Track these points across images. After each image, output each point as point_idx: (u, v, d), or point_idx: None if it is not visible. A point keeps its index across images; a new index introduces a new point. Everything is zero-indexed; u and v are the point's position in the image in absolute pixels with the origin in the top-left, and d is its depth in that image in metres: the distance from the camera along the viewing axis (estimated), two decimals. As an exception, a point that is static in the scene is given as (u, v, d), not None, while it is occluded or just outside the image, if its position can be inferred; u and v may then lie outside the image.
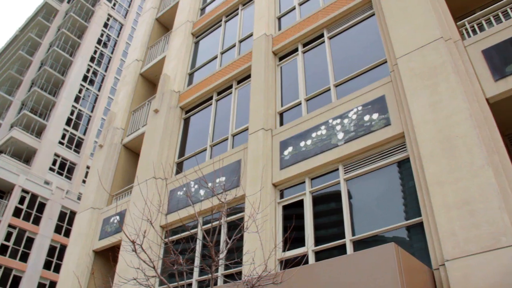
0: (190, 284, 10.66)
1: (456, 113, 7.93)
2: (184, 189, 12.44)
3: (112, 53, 60.18)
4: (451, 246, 6.81)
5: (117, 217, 14.40)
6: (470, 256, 6.56)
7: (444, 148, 7.72)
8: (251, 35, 14.89)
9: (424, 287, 6.49)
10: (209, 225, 10.86)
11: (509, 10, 9.16)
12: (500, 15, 9.25)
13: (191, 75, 16.69)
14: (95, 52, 57.53)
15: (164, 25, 22.13)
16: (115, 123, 17.95)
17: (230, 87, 14.32)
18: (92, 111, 54.37)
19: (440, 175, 7.51)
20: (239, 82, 14.13)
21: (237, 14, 16.69)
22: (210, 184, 11.39)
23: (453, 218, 7.01)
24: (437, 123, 8.07)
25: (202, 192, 11.92)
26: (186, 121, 15.21)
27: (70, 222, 42.67)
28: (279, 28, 14.19)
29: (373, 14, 11.56)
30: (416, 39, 9.43)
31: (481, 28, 9.45)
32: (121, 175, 16.70)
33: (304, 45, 12.85)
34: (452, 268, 6.62)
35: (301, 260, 8.65)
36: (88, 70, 55.56)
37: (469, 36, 9.48)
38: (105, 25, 60.76)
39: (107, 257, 14.33)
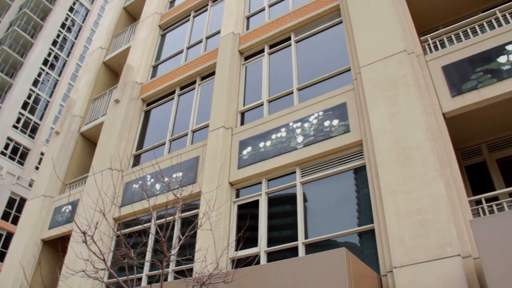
0: (139, 279, 10.52)
1: (414, 125, 8.14)
2: (140, 182, 12.28)
3: (75, 38, 58.72)
4: (400, 253, 6.98)
5: (69, 207, 14.08)
6: (417, 264, 6.75)
7: (400, 158, 7.91)
8: (218, 32, 14.84)
9: (371, 292, 6.63)
10: (163, 220, 10.76)
11: (469, 30, 9.49)
12: (461, 34, 9.56)
13: (155, 67, 16.50)
14: (58, 36, 55.96)
15: (132, 14, 21.79)
16: (74, 110, 17.54)
17: (194, 82, 14.23)
18: (50, 96, 52.88)
19: (394, 184, 7.69)
20: (203, 78, 14.05)
21: (206, 10, 16.61)
22: (166, 179, 11.29)
23: (403, 227, 7.19)
24: (394, 134, 8.26)
25: (158, 186, 11.80)
26: (147, 114, 15.03)
27: (19, 209, 41.30)
28: (247, 28, 14.21)
29: (340, 22, 11.72)
30: (380, 50, 9.62)
31: (443, 45, 9.74)
32: (76, 164, 16.33)
33: (271, 47, 12.90)
34: (399, 274, 6.79)
35: (253, 260, 8.68)
36: (49, 54, 54.00)
37: (431, 51, 9.74)
38: (71, 9, 59.23)
39: (56, 247, 13.97)
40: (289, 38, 12.61)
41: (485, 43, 8.83)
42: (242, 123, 11.73)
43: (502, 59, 8.43)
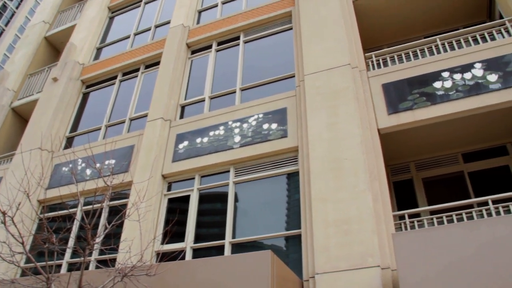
0: (59, 266, 10.18)
1: (349, 137, 8.37)
2: (70, 165, 11.88)
3: (17, 8, 56.08)
4: (323, 260, 7.16)
5: (-9, 184, 13.39)
6: (339, 272, 6.94)
7: (333, 168, 8.11)
8: (168, 22, 14.61)
9: (291, 296, 6.75)
10: (90, 206, 10.47)
11: (411, 53, 9.91)
12: (403, 55, 9.97)
13: (99, 49, 16.03)
14: (-2, 3, 53.28)
15: (80, -8, 21.08)
16: (7, 83, 16.71)
17: (137, 70, 13.94)
18: (-18, 65, 50.14)
19: (325, 192, 7.87)
20: (147, 67, 13.80)
21: (158, -2, 16.33)
22: (98, 165, 10.98)
23: (329, 235, 7.37)
24: (330, 143, 8.46)
25: (88, 171, 11.47)
26: (85, 96, 14.57)
27: None
28: (198, 22, 14.10)
29: (290, 28, 11.87)
30: (326, 60, 9.83)
31: (385, 64, 10.10)
32: (3, 139, 15.58)
33: (219, 44, 12.87)
34: (321, 281, 6.96)
35: (178, 255, 8.61)
36: (-14, 21, 51.28)
37: (373, 68, 10.07)
38: (15, -23, 56.54)
39: (-29, 224, 13.24)
40: (238, 38, 12.63)
41: (424, 67, 9.25)
42: (181, 117, 11.61)
43: (437, 84, 8.85)
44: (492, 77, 8.53)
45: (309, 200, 8.04)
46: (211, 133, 10.33)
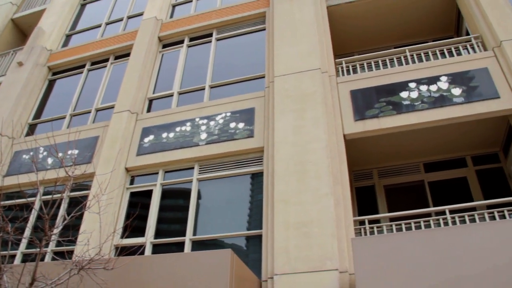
0: (13, 256, 9.93)
1: (315, 141, 8.45)
2: (32, 153, 11.60)
3: (-16, -12, 54.32)
4: (282, 262, 7.20)
5: None
6: (297, 274, 7.00)
7: (297, 171, 8.17)
8: (141, 14, 14.43)
9: (249, 296, 6.77)
10: (50, 196, 10.25)
11: (380, 62, 10.10)
12: (372, 64, 10.16)
13: (68, 36, 15.70)
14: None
15: (52, -24, 20.57)
16: (-31, 65, 16.20)
17: (106, 60, 13.71)
18: None
19: (287, 194, 7.92)
20: (117, 57, 13.59)
21: (132, -11, 16.10)
22: (60, 154, 10.76)
23: (289, 237, 7.42)
24: (295, 146, 8.52)
25: (50, 160, 11.22)
26: (51, 83, 14.24)
27: None
28: (171, 16, 13.98)
29: (264, 29, 11.89)
30: (296, 63, 9.90)
31: (355, 71, 10.25)
32: (-38, 122, 15.07)
33: (191, 40, 12.79)
34: (279, 281, 7.00)
35: (138, 250, 8.52)
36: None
37: (343, 74, 10.21)
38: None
39: None
40: (210, 35, 12.58)
41: (392, 76, 9.43)
42: (148, 110, 11.49)
43: (404, 94, 9.03)
44: (456, 91, 8.76)
45: (271, 201, 8.08)
46: (178, 129, 10.26)
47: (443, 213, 8.08)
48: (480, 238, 5.74)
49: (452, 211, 8.18)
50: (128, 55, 13.19)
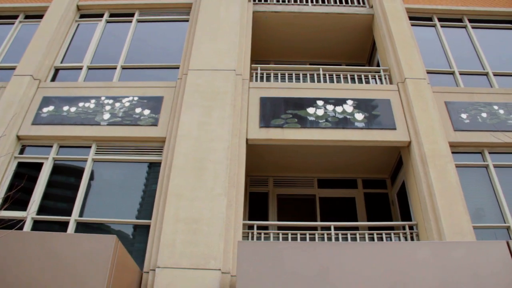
0: None
1: (217, 140, 8.49)
2: None
3: None
4: (167, 255, 7.14)
5: None
6: (180, 269, 6.97)
7: (195, 167, 8.16)
8: (61, -23, 13.65)
9: (129, 285, 6.63)
10: None
11: (294, 75, 10.42)
12: (286, 75, 10.45)
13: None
14: None
15: None
16: None
17: (15, 17, 12.77)
18: None
19: (182, 189, 7.88)
20: (27, 17, 12.72)
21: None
22: None
23: (177, 231, 7.38)
24: (197, 142, 8.50)
25: None
26: None
27: None
28: (94, -13, 13.38)
29: (187, 20, 11.77)
30: (212, 61, 9.90)
31: (268, 78, 10.47)
32: None
33: (111, 16, 12.31)
34: (160, 275, 6.92)
35: (16, 224, 8.03)
36: None
37: (256, 80, 10.37)
38: None
39: None
40: (132, 15, 12.20)
41: (302, 91, 9.77)
42: (53, 80, 10.87)
43: (311, 110, 9.38)
44: (359, 116, 9.25)
45: (165, 193, 7.99)
46: (81, 104, 9.81)
47: (328, 228, 8.51)
48: (358, 257, 6.08)
49: (337, 228, 8.63)
50: (40, 17, 12.37)
